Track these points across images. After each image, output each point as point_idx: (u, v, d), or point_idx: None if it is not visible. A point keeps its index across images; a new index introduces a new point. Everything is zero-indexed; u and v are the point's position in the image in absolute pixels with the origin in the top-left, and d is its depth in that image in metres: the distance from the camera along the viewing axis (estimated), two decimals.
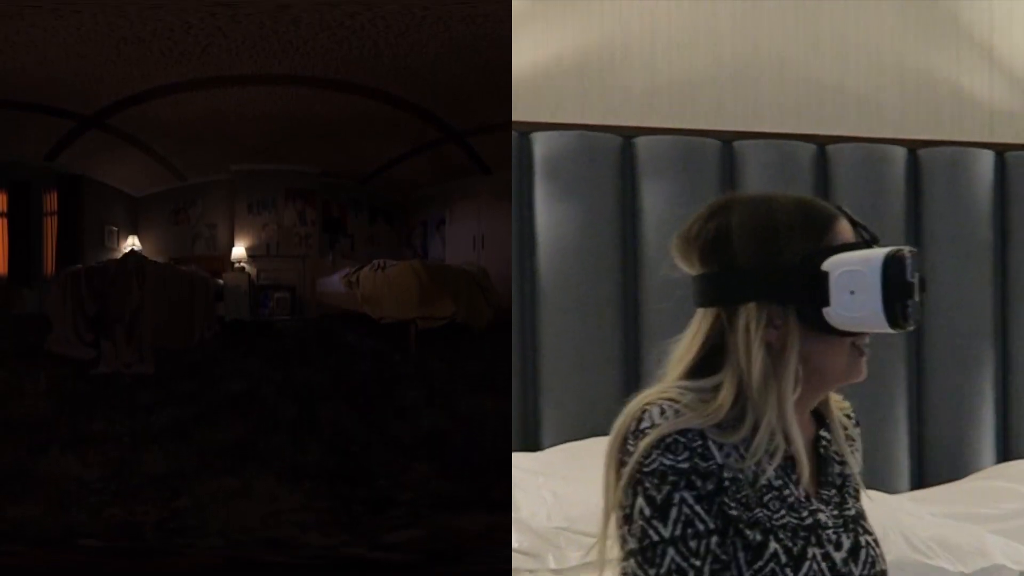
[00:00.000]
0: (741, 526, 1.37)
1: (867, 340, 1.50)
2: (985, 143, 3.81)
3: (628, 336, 3.37)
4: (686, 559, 1.35)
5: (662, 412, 1.35)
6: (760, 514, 1.40)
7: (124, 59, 3.76)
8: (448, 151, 5.89)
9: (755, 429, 1.40)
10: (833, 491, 1.55)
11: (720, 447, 1.37)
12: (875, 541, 1.55)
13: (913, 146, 3.81)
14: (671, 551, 1.34)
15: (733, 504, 1.38)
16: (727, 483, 1.40)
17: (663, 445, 1.34)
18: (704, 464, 1.35)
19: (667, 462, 1.34)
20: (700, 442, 1.35)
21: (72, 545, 2.58)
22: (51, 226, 5.20)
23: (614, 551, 1.41)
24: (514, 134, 3.56)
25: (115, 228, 5.78)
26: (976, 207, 3.77)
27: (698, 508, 1.35)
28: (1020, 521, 3.30)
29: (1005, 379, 3.84)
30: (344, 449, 3.32)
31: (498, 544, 2.50)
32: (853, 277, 1.41)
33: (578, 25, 3.68)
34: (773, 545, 1.38)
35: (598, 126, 3.53)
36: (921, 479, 3.82)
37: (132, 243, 5.97)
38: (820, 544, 1.44)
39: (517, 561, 2.95)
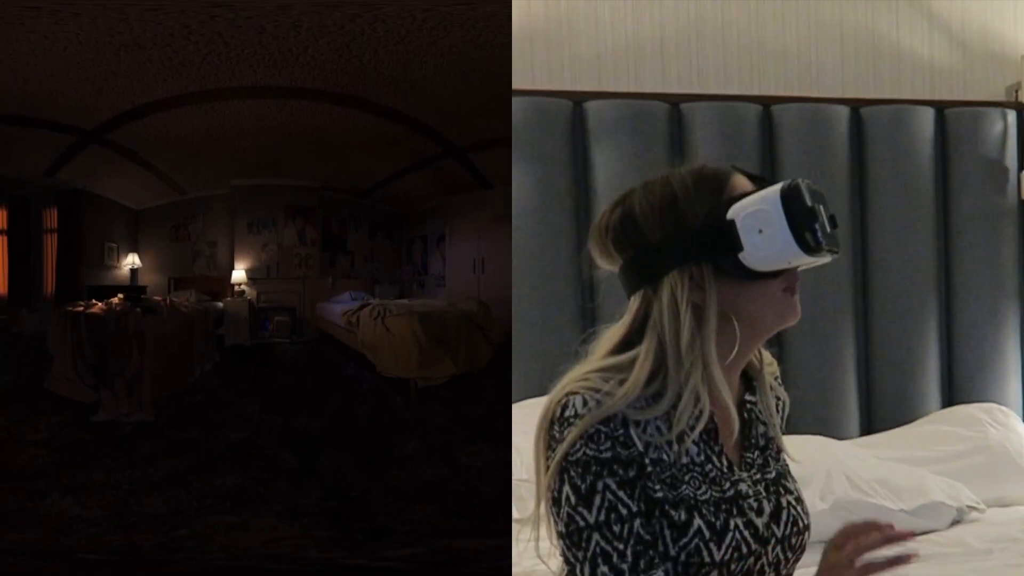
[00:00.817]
0: (667, 507, 1.44)
1: (797, 279, 1.53)
2: (925, 100, 3.91)
3: (584, 295, 3.46)
4: (610, 542, 1.42)
5: (584, 403, 1.43)
6: (684, 491, 1.45)
7: (124, 69, 3.74)
8: (448, 166, 5.88)
9: (679, 397, 1.45)
10: (756, 453, 1.59)
11: (643, 427, 1.44)
12: (796, 500, 1.60)
13: (856, 104, 3.90)
14: (596, 536, 1.41)
15: (658, 486, 1.44)
16: (650, 466, 1.44)
17: (586, 436, 1.41)
18: (626, 452, 1.42)
19: (590, 452, 1.42)
20: (622, 431, 1.42)
21: (72, 559, 2.56)
22: (51, 244, 5.17)
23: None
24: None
25: (115, 244, 5.75)
26: (918, 162, 3.86)
27: (621, 494, 1.42)
28: (960, 462, 3.52)
29: (948, 326, 3.96)
30: (344, 494, 3.31)
31: (498, 558, 2.48)
32: (757, 217, 1.45)
33: None
34: (697, 521, 1.44)
35: (549, 91, 3.61)
36: (870, 425, 3.88)
37: (132, 261, 5.94)
38: (742, 513, 1.49)
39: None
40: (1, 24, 2.72)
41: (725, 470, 1.53)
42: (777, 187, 1.47)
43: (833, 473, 3.22)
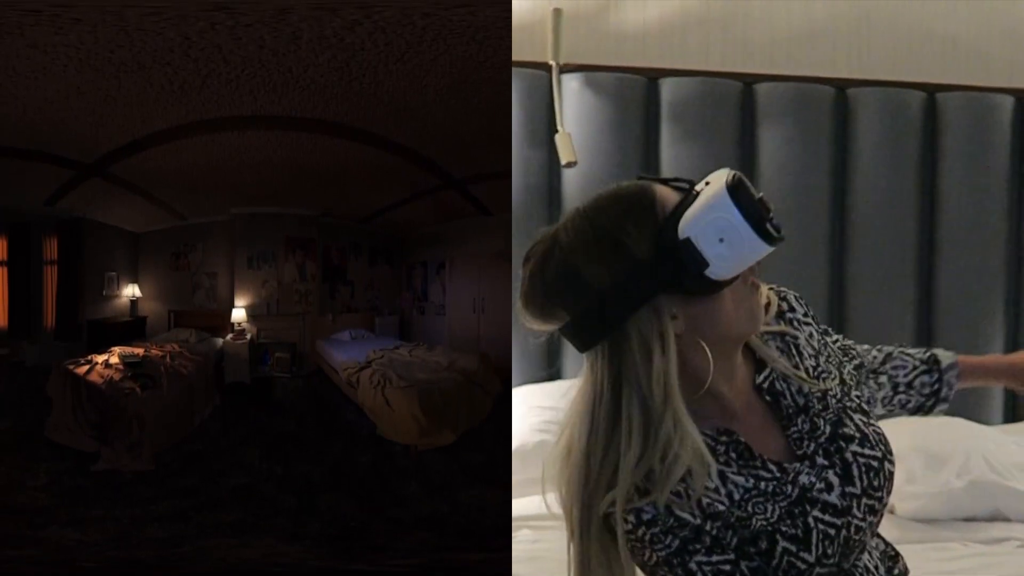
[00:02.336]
0: (749, 548, 1.41)
1: (755, 270, 1.49)
2: None
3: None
4: None
5: (637, 521, 1.39)
6: (756, 523, 1.40)
7: (124, 95, 3.74)
8: (448, 196, 5.89)
9: (666, 452, 1.41)
10: (799, 422, 1.55)
11: (680, 496, 1.41)
12: (860, 441, 1.56)
13: (1021, 95, 3.93)
14: None
15: (730, 533, 1.42)
16: (713, 529, 1.42)
17: (646, 541, 1.39)
18: (687, 531, 1.39)
19: (661, 553, 1.40)
20: (672, 519, 1.40)
21: (72, 569, 2.52)
22: (51, 276, 5.16)
23: None
24: (642, 79, 3.78)
25: (114, 273, 5.74)
26: None
27: (715, 557, 1.40)
28: None
29: None
30: (343, 524, 3.29)
31: (497, 565, 2.44)
32: (713, 225, 1.39)
33: None
34: (781, 544, 1.42)
35: (721, 72, 3.74)
36: (1015, 414, 3.88)
37: (132, 292, 5.93)
38: (815, 503, 1.47)
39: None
40: (0, 35, 2.71)
41: (778, 475, 1.50)
42: (720, 187, 1.41)
43: (972, 454, 3.29)
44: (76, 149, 4.59)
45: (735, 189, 1.41)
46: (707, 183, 1.45)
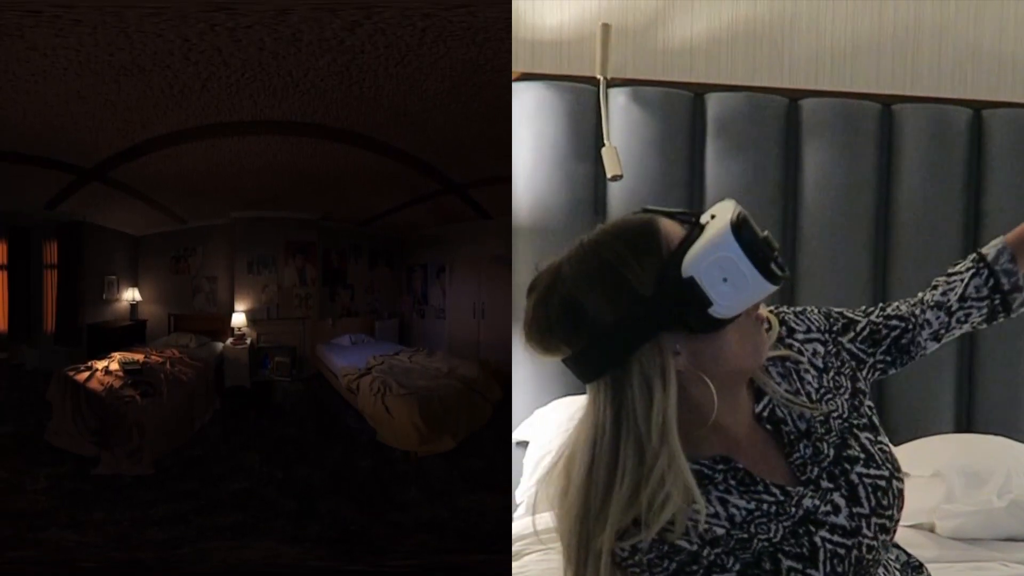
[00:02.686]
0: (752, 571, 1.42)
1: (758, 305, 1.47)
2: None
3: (784, 284, 3.63)
4: None
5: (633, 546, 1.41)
6: (757, 545, 1.40)
7: (124, 99, 3.74)
8: (448, 200, 5.89)
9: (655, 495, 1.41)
10: (801, 447, 1.53)
11: (675, 525, 1.41)
12: (865, 462, 1.55)
13: None
14: None
15: (731, 559, 1.43)
16: (711, 554, 1.43)
17: (644, 565, 1.42)
18: (682, 555, 1.41)
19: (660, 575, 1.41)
20: (665, 545, 1.42)
21: (72, 568, 2.52)
22: (51, 280, 5.16)
23: None
24: (688, 94, 3.81)
25: (114, 277, 5.74)
26: None
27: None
28: None
29: None
30: (344, 527, 3.29)
31: (497, 566, 2.44)
32: (717, 265, 1.38)
33: None
34: (785, 562, 1.42)
35: (766, 88, 3.76)
36: None
37: (132, 296, 5.93)
38: (821, 525, 1.47)
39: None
40: (0, 37, 2.71)
41: (781, 497, 1.50)
42: (724, 226, 1.40)
43: (1013, 473, 3.26)
44: (76, 154, 4.58)
45: (739, 228, 1.40)
46: (712, 216, 1.44)
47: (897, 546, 1.69)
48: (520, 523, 3.09)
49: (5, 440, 4.26)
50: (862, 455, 1.56)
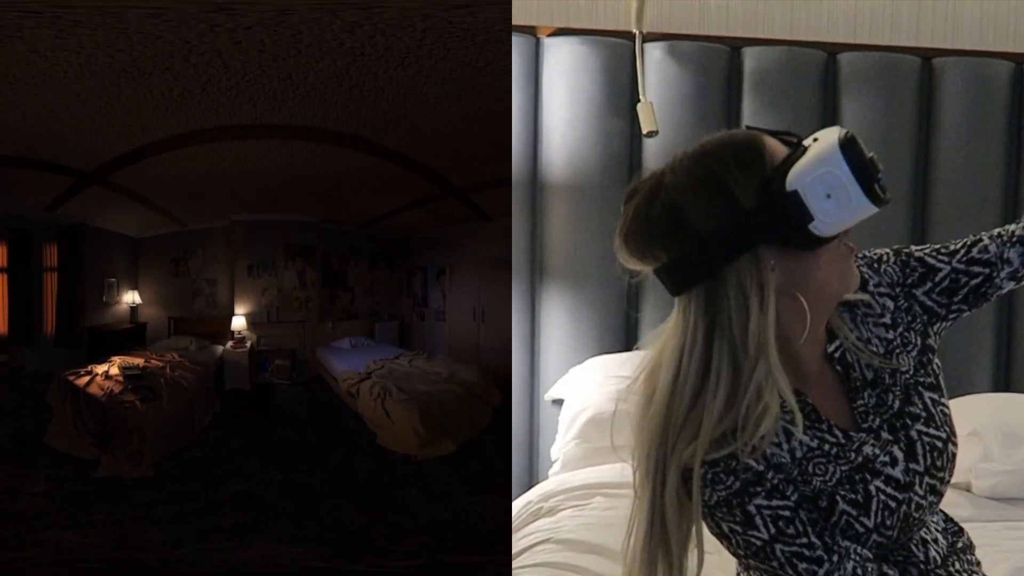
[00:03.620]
0: (807, 503, 1.45)
1: (850, 235, 1.48)
2: None
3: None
4: (792, 543, 1.41)
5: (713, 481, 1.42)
6: (815, 483, 1.43)
7: (125, 102, 3.74)
8: (448, 202, 5.89)
9: (751, 410, 1.42)
10: (866, 395, 1.54)
11: (747, 446, 1.42)
12: (925, 421, 1.57)
13: None
14: (778, 547, 1.41)
15: (791, 488, 1.44)
16: (774, 479, 1.45)
17: (707, 480, 1.42)
18: (749, 474, 1.42)
19: (721, 493, 1.42)
20: (734, 461, 1.42)
21: (71, 566, 2.53)
22: (51, 283, 5.16)
23: None
24: (725, 48, 3.79)
25: (114, 280, 5.74)
26: None
27: (774, 502, 1.43)
28: None
29: None
30: (344, 529, 3.29)
31: (498, 567, 2.45)
32: (823, 181, 1.39)
33: None
34: (840, 505, 1.44)
35: (804, 42, 3.71)
36: None
37: (132, 299, 5.93)
38: (877, 474, 1.48)
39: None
40: (0, 38, 2.71)
41: (843, 441, 1.51)
42: (833, 143, 1.42)
43: None
44: (76, 157, 4.58)
45: (847, 146, 1.42)
46: (815, 139, 1.45)
47: (940, 510, 1.70)
48: (556, 479, 3.09)
49: (5, 442, 4.26)
50: (923, 413, 1.58)
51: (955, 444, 1.59)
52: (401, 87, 3.70)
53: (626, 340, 3.85)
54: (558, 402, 3.72)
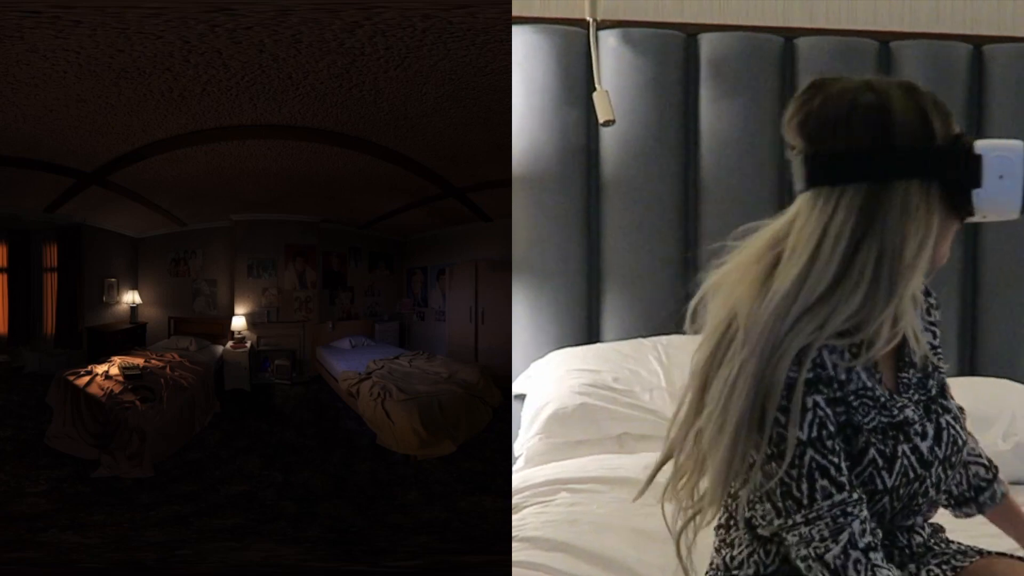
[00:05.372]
0: (848, 433, 1.46)
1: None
2: None
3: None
4: (825, 456, 1.41)
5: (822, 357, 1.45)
6: (855, 418, 1.47)
7: (125, 103, 3.74)
8: (448, 203, 5.89)
9: (879, 322, 1.46)
10: (911, 372, 1.58)
11: (831, 350, 1.46)
12: (954, 417, 1.62)
13: None
14: (810, 451, 1.41)
15: (840, 408, 1.46)
16: (842, 390, 1.47)
17: (813, 363, 1.44)
18: (824, 372, 1.44)
19: (793, 375, 1.41)
20: (819, 355, 1.44)
21: (71, 567, 2.53)
22: (51, 283, 5.16)
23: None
24: (680, 35, 3.72)
25: (114, 280, 5.74)
26: None
27: (828, 411, 1.44)
28: None
29: None
30: (344, 530, 3.29)
31: (498, 567, 2.45)
32: (1003, 162, 1.45)
33: None
34: (871, 451, 1.47)
35: (761, 27, 3.68)
36: None
37: (132, 299, 5.93)
38: (908, 439, 1.51)
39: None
40: (0, 39, 2.71)
41: (889, 398, 1.54)
42: (1021, 142, 1.47)
43: (1018, 416, 3.21)
44: (76, 158, 4.58)
45: None
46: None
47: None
48: (520, 475, 3.06)
49: (5, 443, 4.26)
50: (953, 410, 1.65)
51: (965, 451, 1.65)
52: (401, 87, 3.69)
53: (588, 333, 3.81)
54: (520, 397, 3.68)
